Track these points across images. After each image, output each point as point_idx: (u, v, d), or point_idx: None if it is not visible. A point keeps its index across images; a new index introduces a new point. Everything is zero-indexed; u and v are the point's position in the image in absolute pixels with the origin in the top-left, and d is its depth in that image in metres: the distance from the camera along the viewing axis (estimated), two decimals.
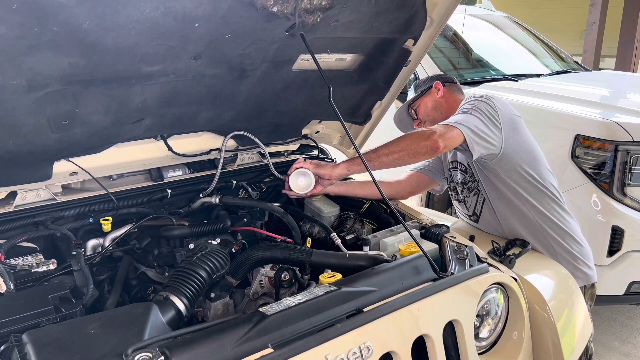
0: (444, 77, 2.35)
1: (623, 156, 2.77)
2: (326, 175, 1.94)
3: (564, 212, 2.08)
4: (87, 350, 1.12)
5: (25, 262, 1.53)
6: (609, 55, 8.17)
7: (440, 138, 1.82)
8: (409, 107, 2.32)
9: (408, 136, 1.89)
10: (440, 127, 1.87)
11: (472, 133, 1.86)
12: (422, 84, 2.33)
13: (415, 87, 2.36)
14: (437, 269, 1.53)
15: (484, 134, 1.89)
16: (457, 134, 1.85)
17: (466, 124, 1.87)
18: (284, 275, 1.64)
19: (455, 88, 2.29)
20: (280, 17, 1.47)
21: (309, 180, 1.93)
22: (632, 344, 3.11)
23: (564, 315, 1.68)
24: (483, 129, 1.89)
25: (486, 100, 1.98)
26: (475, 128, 1.88)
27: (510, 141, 1.95)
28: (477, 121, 1.90)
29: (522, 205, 2.01)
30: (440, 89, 2.26)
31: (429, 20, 1.89)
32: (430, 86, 2.28)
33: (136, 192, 1.89)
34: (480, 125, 1.89)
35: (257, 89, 1.80)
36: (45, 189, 1.71)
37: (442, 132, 1.84)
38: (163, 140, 1.86)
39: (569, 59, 4.68)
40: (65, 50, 1.25)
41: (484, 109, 1.94)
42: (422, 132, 1.88)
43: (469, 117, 1.91)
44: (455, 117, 1.94)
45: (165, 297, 1.36)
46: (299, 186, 1.95)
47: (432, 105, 2.27)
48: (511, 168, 1.97)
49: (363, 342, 1.23)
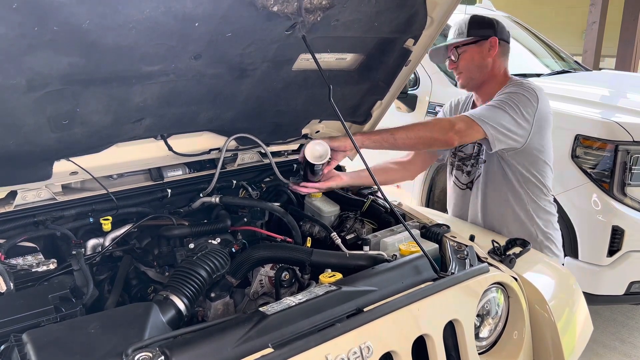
0: (502, 32, 2.14)
1: (623, 156, 2.77)
2: (340, 146, 1.93)
3: (550, 203, 2.16)
4: (87, 350, 1.12)
5: (25, 261, 1.53)
6: (609, 55, 8.17)
7: (458, 135, 1.85)
8: (454, 47, 2.13)
9: (427, 125, 1.92)
10: (463, 122, 1.88)
11: (497, 132, 1.88)
12: (477, 28, 2.10)
13: (469, 26, 2.11)
14: (437, 268, 1.53)
15: (510, 132, 1.90)
16: (478, 131, 1.87)
17: (493, 122, 1.87)
18: (284, 275, 1.64)
19: (506, 50, 2.15)
20: (281, 17, 1.47)
21: (325, 149, 1.88)
22: (632, 344, 3.11)
23: (564, 315, 1.68)
24: (511, 127, 1.90)
25: (528, 93, 1.95)
26: (502, 127, 1.88)
27: (534, 139, 1.98)
28: (507, 118, 1.89)
29: (517, 189, 2.07)
30: (495, 47, 2.09)
31: (429, 19, 1.89)
32: (485, 37, 2.09)
33: (136, 192, 1.89)
34: (509, 123, 1.90)
35: (257, 88, 1.79)
36: (45, 188, 1.70)
37: (462, 129, 1.86)
38: (163, 140, 1.86)
39: (569, 58, 4.68)
40: (66, 49, 1.25)
41: (522, 104, 1.92)
42: (442, 124, 1.89)
43: (499, 113, 1.90)
44: (485, 111, 1.92)
45: (165, 297, 1.36)
46: (316, 155, 1.88)
47: (478, 62, 2.10)
48: (523, 160, 2.02)
49: (363, 342, 1.22)
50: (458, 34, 2.14)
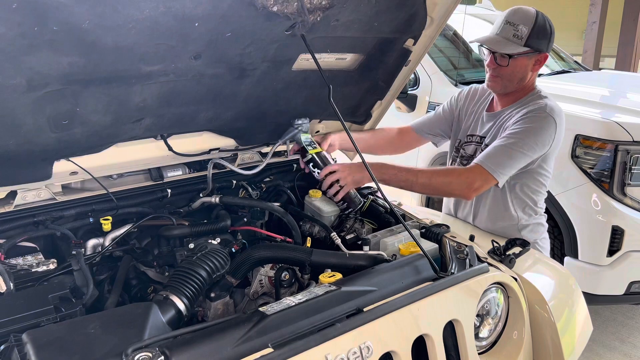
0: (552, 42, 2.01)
1: (623, 156, 2.77)
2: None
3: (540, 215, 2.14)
4: (87, 350, 1.12)
5: (25, 261, 1.53)
6: (609, 55, 8.17)
7: (475, 192, 1.91)
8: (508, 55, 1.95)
9: (452, 176, 1.93)
10: (480, 178, 1.88)
11: (507, 175, 1.91)
12: (536, 39, 1.93)
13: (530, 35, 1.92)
14: (437, 268, 1.53)
15: (519, 166, 1.92)
16: (492, 182, 1.90)
17: (508, 170, 1.89)
18: (284, 275, 1.64)
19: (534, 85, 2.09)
20: (281, 17, 1.47)
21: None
22: (632, 344, 3.11)
23: (564, 315, 1.68)
24: (522, 163, 1.91)
25: (549, 125, 1.90)
26: (514, 169, 1.90)
27: (539, 163, 1.98)
28: (521, 159, 1.89)
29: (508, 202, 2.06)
30: (542, 63, 2.01)
31: (429, 19, 1.89)
32: (540, 51, 1.96)
33: (136, 192, 1.89)
34: (522, 163, 1.90)
35: (257, 88, 1.79)
36: (45, 188, 1.70)
37: (480, 187, 1.90)
38: (163, 140, 1.86)
39: (569, 59, 4.68)
40: (65, 49, 1.25)
41: (540, 140, 1.88)
42: (463, 179, 1.90)
43: (515, 156, 1.87)
44: (502, 157, 1.88)
45: (165, 297, 1.36)
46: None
47: (521, 74, 1.99)
48: (521, 177, 2.01)
49: (363, 341, 1.22)
50: (514, 35, 1.94)
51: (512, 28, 1.96)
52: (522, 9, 1.98)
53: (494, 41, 1.98)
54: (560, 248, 3.01)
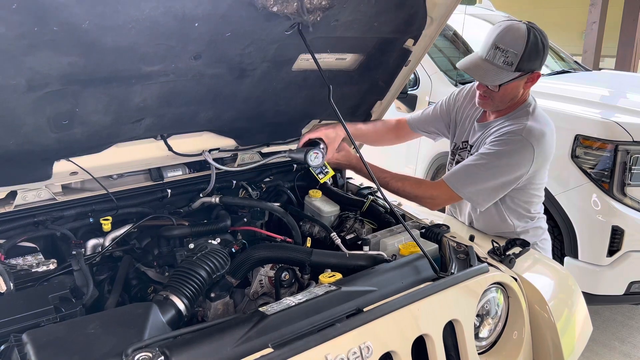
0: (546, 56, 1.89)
1: (623, 156, 2.77)
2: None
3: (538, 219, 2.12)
4: (87, 350, 1.12)
5: (25, 261, 1.53)
6: (609, 55, 8.18)
7: (439, 207, 1.96)
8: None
9: (419, 185, 2.00)
10: (446, 195, 1.92)
11: (477, 197, 1.91)
12: (528, 61, 1.82)
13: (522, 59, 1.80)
14: (437, 268, 1.53)
15: (489, 189, 1.90)
16: (455, 197, 1.94)
17: (471, 188, 1.89)
18: (284, 275, 1.64)
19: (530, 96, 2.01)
20: (280, 17, 1.47)
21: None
22: (632, 344, 3.11)
23: (564, 315, 1.68)
24: (493, 184, 1.88)
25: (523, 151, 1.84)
26: (481, 190, 1.89)
27: (531, 180, 1.95)
28: (490, 179, 1.86)
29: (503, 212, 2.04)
30: (535, 81, 1.92)
31: (429, 19, 1.89)
32: (532, 71, 1.87)
33: (136, 192, 1.89)
34: (491, 183, 1.87)
35: (257, 88, 1.79)
36: (45, 188, 1.71)
37: (445, 201, 1.98)
38: (163, 140, 1.86)
39: (569, 59, 4.68)
40: (65, 49, 1.25)
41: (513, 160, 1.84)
42: (429, 194, 1.96)
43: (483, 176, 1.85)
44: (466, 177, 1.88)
45: (165, 297, 1.36)
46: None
47: (513, 95, 1.92)
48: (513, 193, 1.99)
49: (363, 341, 1.22)
50: (504, 62, 1.83)
51: (501, 54, 1.83)
52: (512, 28, 1.84)
53: (481, 71, 1.87)
54: (560, 248, 3.01)
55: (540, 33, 1.85)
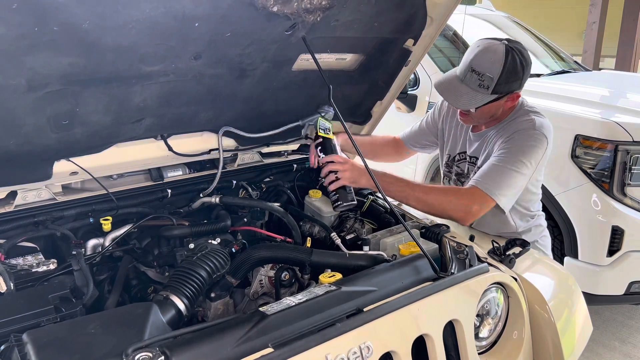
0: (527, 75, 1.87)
1: (623, 156, 2.77)
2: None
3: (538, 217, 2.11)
4: (87, 350, 1.12)
5: (26, 261, 1.53)
6: (609, 55, 8.18)
7: (473, 217, 1.78)
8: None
9: (449, 196, 1.79)
10: (479, 201, 1.76)
11: (509, 199, 1.80)
12: (505, 83, 1.79)
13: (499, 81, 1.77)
14: (437, 268, 1.53)
15: (518, 189, 1.83)
16: (491, 204, 1.78)
17: (507, 191, 1.78)
18: (284, 275, 1.64)
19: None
20: (281, 17, 1.48)
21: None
22: (632, 344, 3.11)
23: (564, 315, 1.68)
24: (521, 185, 1.82)
25: (539, 142, 1.81)
26: (514, 189, 1.80)
27: (532, 178, 1.92)
28: (519, 179, 1.79)
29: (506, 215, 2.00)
30: (515, 100, 1.90)
31: (429, 19, 1.89)
32: (510, 92, 1.85)
33: (136, 192, 1.89)
34: (520, 182, 1.80)
35: (257, 88, 1.80)
36: (45, 188, 1.71)
37: (479, 210, 1.76)
38: (163, 140, 1.86)
39: (569, 59, 4.68)
40: (65, 49, 1.25)
41: (533, 156, 1.80)
42: (461, 201, 1.77)
43: (512, 177, 1.78)
44: (499, 178, 1.77)
45: (165, 297, 1.36)
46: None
47: (492, 113, 1.90)
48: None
49: (363, 341, 1.22)
50: (480, 85, 1.80)
51: (477, 77, 1.80)
52: (489, 50, 1.80)
53: (456, 94, 1.84)
54: (560, 248, 3.01)
55: (519, 54, 1.82)
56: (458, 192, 1.84)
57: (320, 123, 1.95)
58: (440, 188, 1.86)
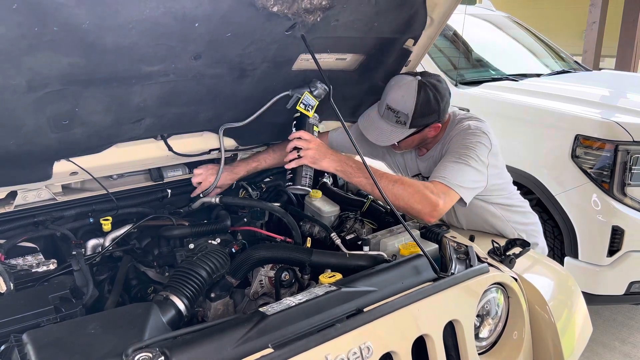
0: (448, 104, 1.91)
1: (623, 156, 2.77)
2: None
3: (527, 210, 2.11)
4: (87, 350, 1.12)
5: (26, 262, 1.53)
6: (609, 55, 8.18)
7: (438, 213, 1.73)
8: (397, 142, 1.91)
9: (415, 188, 1.72)
10: (444, 195, 1.72)
11: (469, 192, 1.79)
12: (420, 117, 1.84)
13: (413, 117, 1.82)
14: (437, 269, 1.53)
15: (477, 184, 1.82)
16: (455, 198, 1.77)
17: (465, 184, 1.77)
18: (284, 275, 1.64)
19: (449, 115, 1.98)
20: (281, 17, 1.48)
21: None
22: (632, 344, 3.11)
23: (564, 315, 1.68)
24: (477, 179, 1.81)
25: (482, 138, 1.84)
26: (472, 183, 1.79)
27: (492, 175, 1.89)
28: (473, 173, 1.79)
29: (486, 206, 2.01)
30: (437, 129, 1.93)
31: (429, 20, 1.89)
32: (428, 125, 1.89)
33: (136, 192, 1.89)
34: (475, 177, 1.80)
35: (257, 89, 1.80)
36: (45, 188, 1.71)
37: (444, 205, 1.73)
38: (163, 140, 1.86)
39: (569, 59, 4.68)
40: (65, 50, 1.25)
41: (480, 152, 1.81)
42: (427, 195, 1.71)
43: (467, 171, 1.78)
44: (456, 173, 1.77)
45: (165, 297, 1.36)
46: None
47: (418, 142, 1.96)
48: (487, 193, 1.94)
49: (363, 342, 1.22)
50: (397, 122, 1.86)
51: (393, 114, 1.85)
52: (402, 86, 1.84)
53: (376, 131, 1.90)
54: (560, 248, 3.01)
55: (433, 87, 1.84)
56: (424, 185, 1.77)
57: (305, 98, 1.86)
58: (407, 180, 1.80)
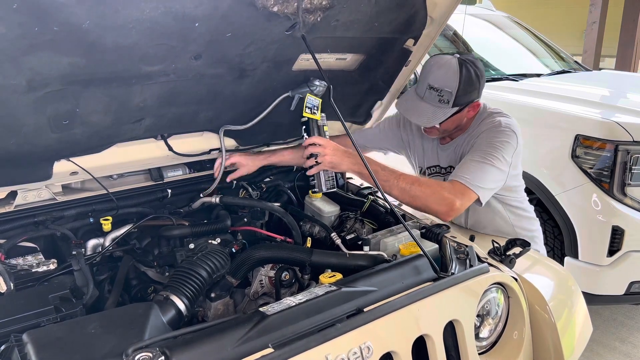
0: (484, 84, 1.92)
1: (623, 156, 2.77)
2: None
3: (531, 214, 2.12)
4: (87, 350, 1.12)
5: (26, 262, 1.53)
6: (609, 55, 8.18)
7: (455, 213, 1.76)
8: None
9: (432, 188, 1.75)
10: (461, 195, 1.74)
11: (488, 192, 1.81)
12: (464, 95, 1.84)
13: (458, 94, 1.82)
14: (437, 268, 1.53)
15: (497, 183, 1.84)
16: (473, 198, 1.78)
17: (486, 184, 1.78)
18: (284, 275, 1.64)
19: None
20: (281, 17, 1.48)
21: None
22: (632, 344, 3.11)
23: (564, 315, 1.68)
24: (498, 178, 1.82)
25: (509, 137, 1.84)
26: (492, 183, 1.81)
27: (512, 175, 1.91)
28: (495, 173, 1.80)
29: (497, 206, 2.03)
30: (477, 108, 1.94)
31: (429, 19, 1.89)
32: (471, 102, 1.89)
33: (136, 192, 1.89)
34: (497, 176, 1.81)
35: (257, 88, 1.79)
36: (45, 188, 1.71)
37: (461, 205, 1.75)
38: (163, 140, 1.86)
39: (569, 59, 4.68)
40: (66, 49, 1.25)
41: (506, 151, 1.82)
42: (445, 195, 1.74)
43: (489, 171, 1.79)
44: (478, 172, 1.78)
45: (165, 297, 1.36)
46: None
47: (456, 124, 1.95)
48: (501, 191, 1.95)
49: (363, 342, 1.22)
50: (440, 101, 1.85)
51: (436, 94, 1.85)
52: (444, 65, 1.84)
53: (418, 111, 1.89)
54: (560, 248, 3.01)
55: (473, 64, 1.86)
56: (441, 185, 1.80)
57: (309, 100, 1.85)
58: (424, 180, 1.84)
